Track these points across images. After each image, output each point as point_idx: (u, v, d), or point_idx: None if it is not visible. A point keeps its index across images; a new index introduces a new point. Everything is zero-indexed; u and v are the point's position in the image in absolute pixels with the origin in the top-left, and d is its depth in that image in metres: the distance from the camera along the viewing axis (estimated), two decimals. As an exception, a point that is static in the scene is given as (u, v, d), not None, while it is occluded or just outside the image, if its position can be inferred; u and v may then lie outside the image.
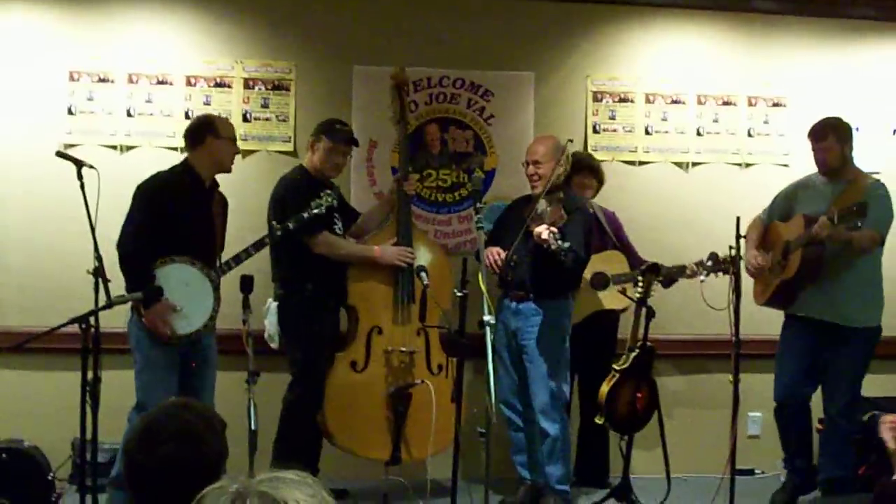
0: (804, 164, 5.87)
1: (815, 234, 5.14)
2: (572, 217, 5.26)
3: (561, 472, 5.41)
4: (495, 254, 5.35)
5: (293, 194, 5.32)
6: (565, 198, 5.34)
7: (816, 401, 5.67)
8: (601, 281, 5.80)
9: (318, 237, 5.32)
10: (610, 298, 5.84)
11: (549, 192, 5.30)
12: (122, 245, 4.85)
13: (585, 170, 5.94)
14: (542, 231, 4.98)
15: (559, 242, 4.90)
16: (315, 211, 5.12)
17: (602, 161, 6.23)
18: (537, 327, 5.36)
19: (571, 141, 5.51)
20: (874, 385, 6.22)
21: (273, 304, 5.36)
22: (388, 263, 5.50)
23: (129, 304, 4.83)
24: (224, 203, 5.26)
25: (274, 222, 5.06)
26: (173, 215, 4.89)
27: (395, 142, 5.90)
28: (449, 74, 6.24)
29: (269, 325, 5.34)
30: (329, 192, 5.24)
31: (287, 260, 5.32)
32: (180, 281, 4.86)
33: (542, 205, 5.24)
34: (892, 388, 6.40)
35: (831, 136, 5.46)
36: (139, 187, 4.98)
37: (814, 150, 5.53)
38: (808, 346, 5.51)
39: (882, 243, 5.38)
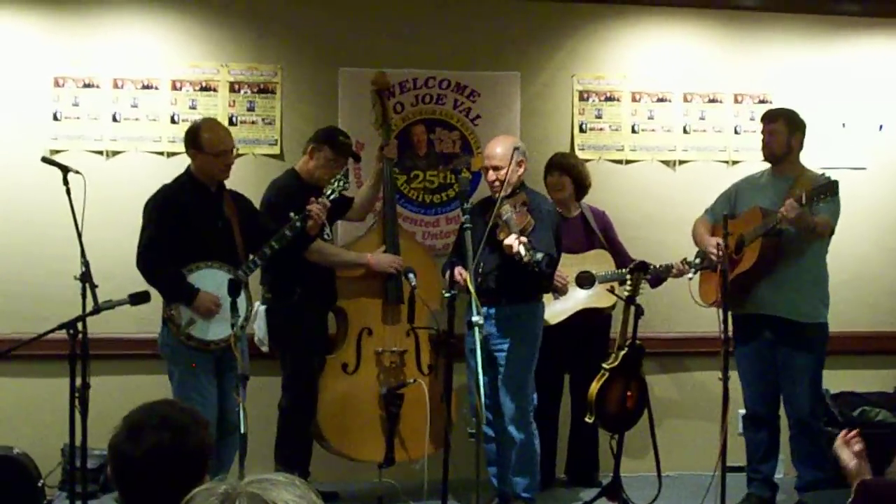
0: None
1: (784, 216, 5.03)
2: (539, 217, 5.12)
3: (527, 481, 5.30)
4: (460, 274, 4.90)
5: (285, 199, 5.30)
6: (528, 198, 5.22)
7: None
8: (587, 279, 5.80)
9: (312, 245, 5.31)
10: (596, 297, 5.82)
11: (510, 195, 5.17)
12: (139, 263, 4.90)
13: (555, 169, 5.92)
14: (514, 244, 4.76)
15: (531, 253, 4.72)
16: (333, 195, 5.10)
17: (589, 160, 6.23)
18: (510, 333, 5.23)
19: None
20: (865, 380, 6.26)
21: (261, 308, 5.35)
22: (381, 271, 5.53)
23: (161, 317, 4.89)
24: (239, 201, 5.20)
25: (292, 213, 5.00)
26: (184, 224, 4.90)
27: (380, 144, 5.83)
28: (435, 75, 6.23)
29: (258, 329, 5.34)
30: (339, 176, 5.21)
31: (275, 264, 5.29)
32: (211, 285, 4.87)
33: (506, 211, 5.04)
34: (882, 383, 6.44)
35: (781, 121, 5.44)
36: (146, 203, 4.99)
37: (762, 132, 5.51)
38: (767, 347, 5.41)
39: (831, 234, 5.33)
